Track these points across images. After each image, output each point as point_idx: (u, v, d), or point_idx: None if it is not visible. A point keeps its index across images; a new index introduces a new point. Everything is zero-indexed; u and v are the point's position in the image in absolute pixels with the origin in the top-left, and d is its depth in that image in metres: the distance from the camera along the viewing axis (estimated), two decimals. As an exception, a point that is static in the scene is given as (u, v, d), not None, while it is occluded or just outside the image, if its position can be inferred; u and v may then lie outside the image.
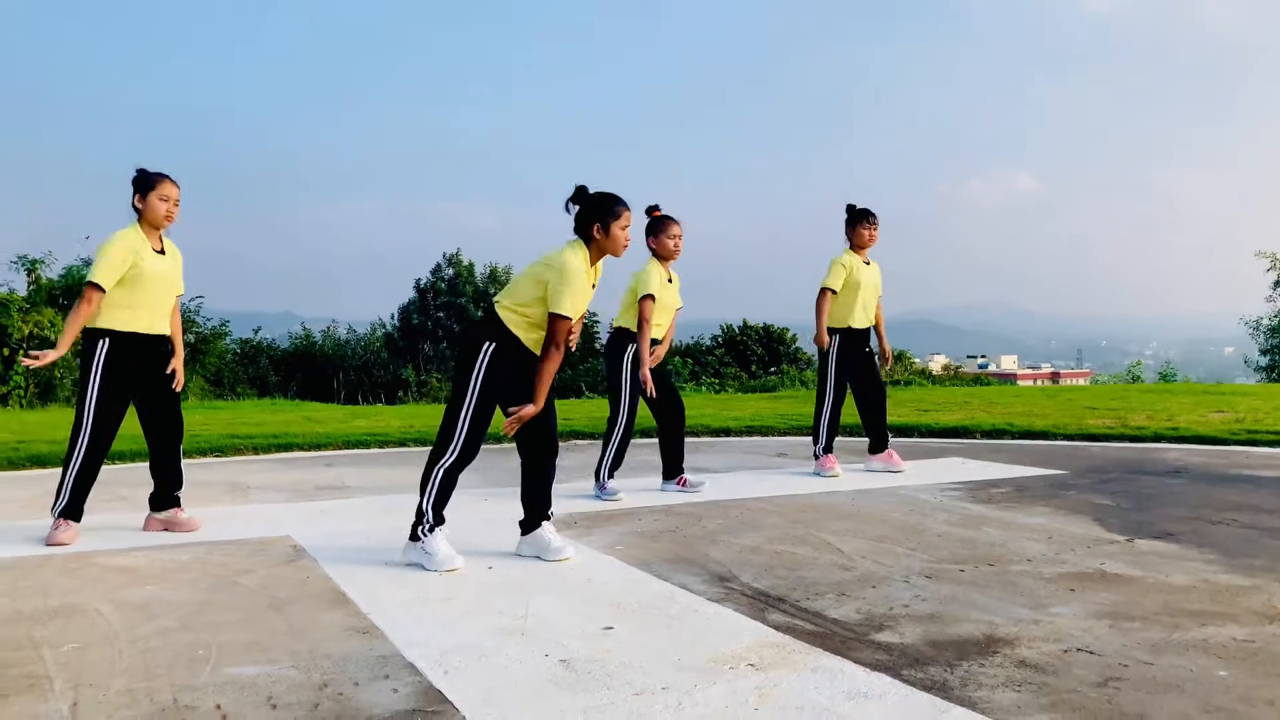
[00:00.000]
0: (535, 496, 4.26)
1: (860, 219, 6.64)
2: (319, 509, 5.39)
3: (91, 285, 4.48)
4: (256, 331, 29.83)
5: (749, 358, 32.67)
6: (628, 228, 4.28)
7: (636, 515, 5.17)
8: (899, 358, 30.35)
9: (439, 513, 4.07)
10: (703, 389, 21.48)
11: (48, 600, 3.55)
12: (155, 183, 4.67)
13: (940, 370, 37.34)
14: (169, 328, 4.78)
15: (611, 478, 5.77)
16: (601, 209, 4.19)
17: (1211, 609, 3.39)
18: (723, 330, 34.45)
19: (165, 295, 4.71)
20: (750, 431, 9.41)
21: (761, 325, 34.57)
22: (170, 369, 4.78)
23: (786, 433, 9.33)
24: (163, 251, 4.71)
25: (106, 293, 4.51)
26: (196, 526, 4.77)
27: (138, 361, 4.64)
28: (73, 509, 4.58)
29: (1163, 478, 6.36)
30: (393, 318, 36.32)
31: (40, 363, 4.40)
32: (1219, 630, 3.15)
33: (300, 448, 8.18)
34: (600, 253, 4.21)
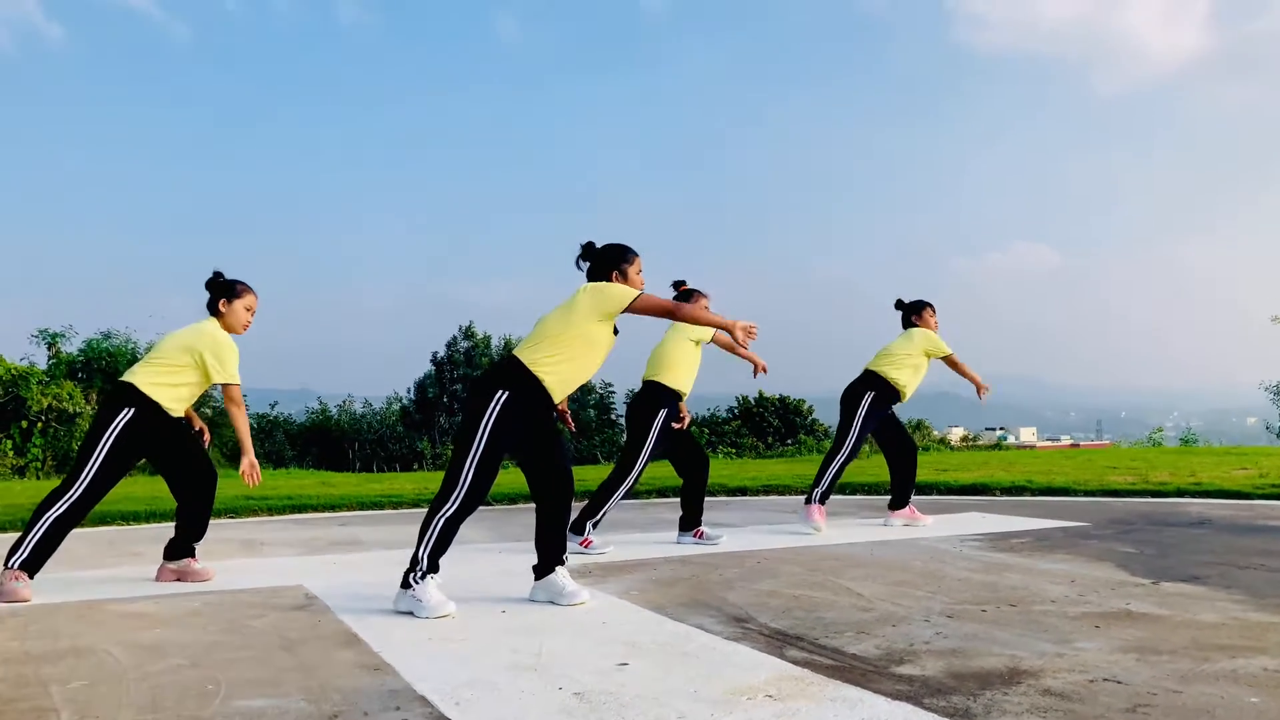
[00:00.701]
0: (549, 540, 4.21)
1: (927, 306, 6.89)
2: (332, 561, 5.35)
3: (236, 386, 4.67)
4: (273, 406, 29.95)
5: (765, 429, 32.54)
6: (641, 272, 4.33)
7: (652, 565, 5.11)
8: (918, 426, 30.20)
9: (434, 561, 4.00)
10: (719, 456, 21.38)
11: (57, 643, 3.51)
12: (243, 292, 4.80)
13: (958, 442, 37.07)
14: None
15: (595, 530, 5.71)
16: (616, 256, 4.26)
17: (1241, 643, 3.31)
18: (738, 402, 34.36)
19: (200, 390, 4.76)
20: (767, 491, 9.33)
21: (778, 397, 34.48)
22: (197, 428, 4.84)
23: (804, 493, 9.23)
24: None
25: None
26: (209, 576, 4.74)
27: (153, 433, 4.60)
28: (34, 563, 4.38)
29: (1186, 528, 6.26)
30: (409, 392, 36.39)
31: (252, 476, 4.72)
32: (1249, 662, 3.07)
33: (314, 509, 8.15)
34: None
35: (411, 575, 3.98)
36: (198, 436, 4.86)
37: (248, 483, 4.72)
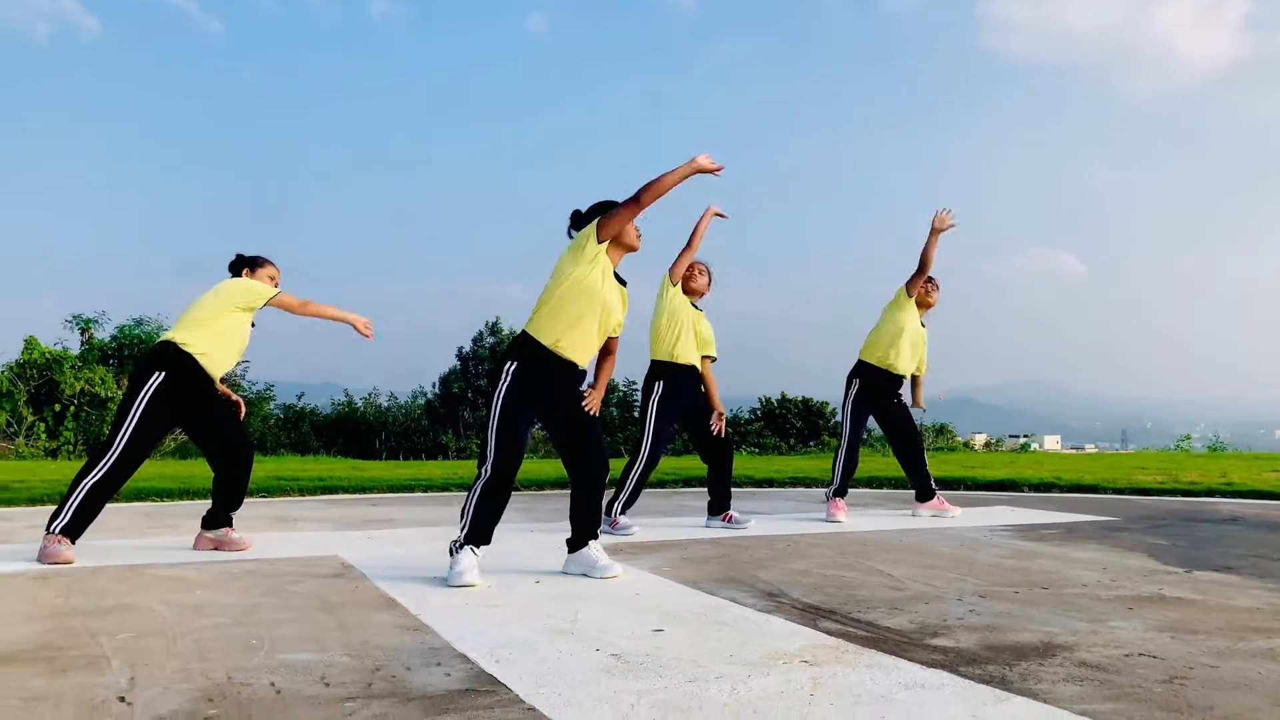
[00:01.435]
0: (582, 516, 4.25)
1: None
2: (366, 536, 5.41)
3: (280, 294, 4.81)
4: (299, 398, 30.18)
5: (788, 430, 32.47)
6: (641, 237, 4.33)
7: (681, 545, 5.14)
8: (941, 431, 30.04)
9: (471, 530, 4.05)
10: (741, 453, 21.38)
11: (102, 600, 3.58)
12: (265, 263, 5.00)
13: (981, 448, 36.85)
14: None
15: (624, 514, 5.75)
16: (603, 209, 4.27)
17: (1277, 625, 3.30)
18: (761, 403, 34.30)
19: (236, 354, 4.84)
20: (794, 483, 9.35)
21: (800, 398, 34.39)
22: (233, 400, 4.92)
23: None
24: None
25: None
26: (246, 546, 4.80)
27: (185, 398, 4.66)
28: (75, 529, 4.46)
29: (1218, 524, 6.23)
30: (434, 386, 36.56)
31: (366, 330, 4.88)
32: (1286, 641, 3.06)
33: (345, 490, 8.23)
34: (619, 253, 4.26)
35: (454, 543, 4.06)
36: (233, 408, 4.91)
37: (368, 334, 4.89)
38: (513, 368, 4.11)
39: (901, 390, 6.69)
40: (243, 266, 4.99)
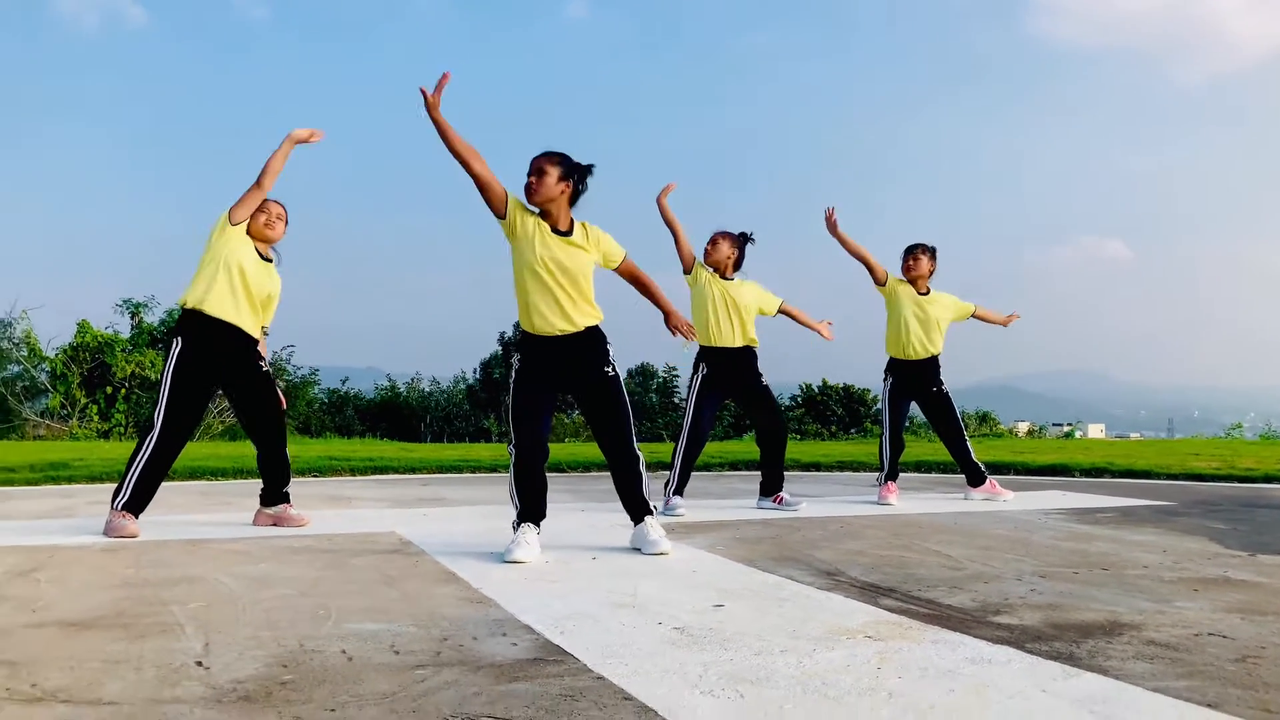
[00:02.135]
0: (627, 496, 4.34)
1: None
2: (422, 514, 5.47)
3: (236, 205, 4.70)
4: (344, 382, 30.54)
5: (829, 417, 32.34)
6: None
7: (734, 525, 5.15)
8: (984, 418, 29.75)
9: (523, 509, 4.18)
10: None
11: (170, 572, 3.65)
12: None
13: (1024, 436, 36.51)
14: (256, 332, 4.82)
15: (678, 494, 5.77)
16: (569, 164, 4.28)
17: (1348, 608, 3.25)
18: (802, 389, 34.19)
19: (241, 291, 4.68)
20: (841, 467, 9.32)
21: (842, 385, 34.21)
22: (267, 359, 4.90)
23: (875, 470, 9.20)
24: (268, 260, 4.88)
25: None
26: (305, 522, 4.87)
27: (209, 360, 4.65)
28: (137, 504, 4.56)
29: (1278, 510, 6.13)
30: (475, 371, 36.82)
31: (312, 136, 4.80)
32: (1359, 623, 3.01)
33: (396, 470, 8.32)
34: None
35: (513, 522, 4.19)
36: (266, 374, 4.88)
37: (317, 136, 4.81)
38: (516, 359, 4.29)
39: (943, 378, 6.63)
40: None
